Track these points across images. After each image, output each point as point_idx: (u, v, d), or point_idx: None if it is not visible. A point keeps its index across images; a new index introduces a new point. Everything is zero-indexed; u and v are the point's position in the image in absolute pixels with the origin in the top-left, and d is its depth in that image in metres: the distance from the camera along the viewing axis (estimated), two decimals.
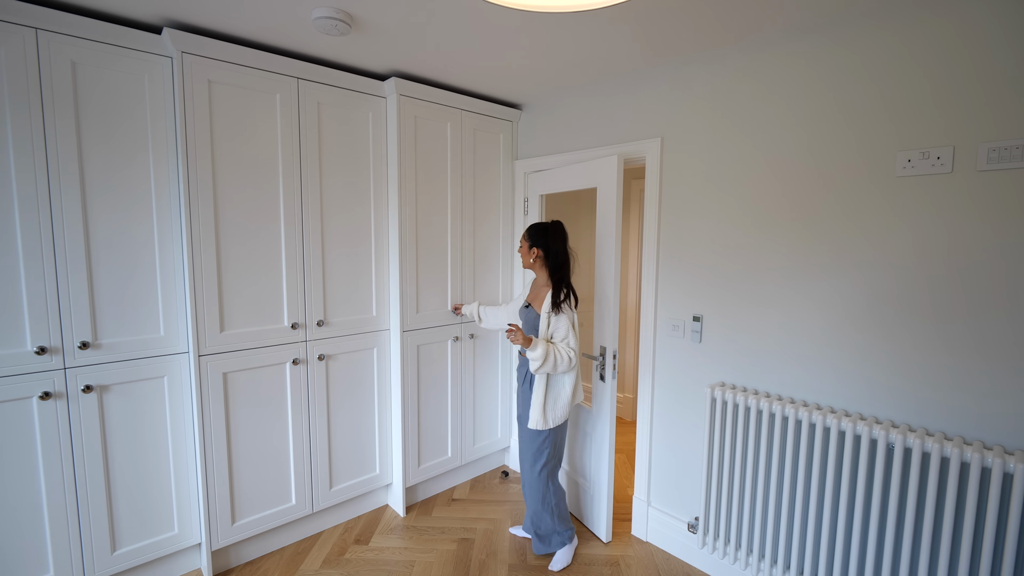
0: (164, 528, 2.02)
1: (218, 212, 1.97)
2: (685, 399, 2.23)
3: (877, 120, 1.65)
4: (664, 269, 2.27)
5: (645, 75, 2.27)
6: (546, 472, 2.17)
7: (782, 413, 1.81)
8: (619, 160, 2.21)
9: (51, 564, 1.78)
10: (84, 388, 1.79)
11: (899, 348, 1.63)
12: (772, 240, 1.92)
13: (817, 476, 1.74)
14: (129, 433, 1.91)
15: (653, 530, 2.38)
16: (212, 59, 1.90)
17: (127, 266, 1.86)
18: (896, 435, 1.56)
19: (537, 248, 2.13)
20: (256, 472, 2.16)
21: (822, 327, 1.80)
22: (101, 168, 1.79)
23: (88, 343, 1.79)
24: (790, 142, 1.85)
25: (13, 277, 1.66)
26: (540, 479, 2.17)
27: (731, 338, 2.06)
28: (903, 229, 1.61)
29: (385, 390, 2.56)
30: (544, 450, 2.14)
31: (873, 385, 1.70)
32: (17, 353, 1.67)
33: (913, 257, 1.60)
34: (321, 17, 1.72)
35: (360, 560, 2.24)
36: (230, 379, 2.06)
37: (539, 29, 1.84)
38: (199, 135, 1.90)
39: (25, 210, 1.66)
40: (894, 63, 1.60)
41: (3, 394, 1.66)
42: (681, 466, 2.27)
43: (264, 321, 2.13)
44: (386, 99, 2.41)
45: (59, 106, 1.69)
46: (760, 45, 1.90)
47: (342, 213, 2.33)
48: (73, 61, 1.71)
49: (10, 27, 1.60)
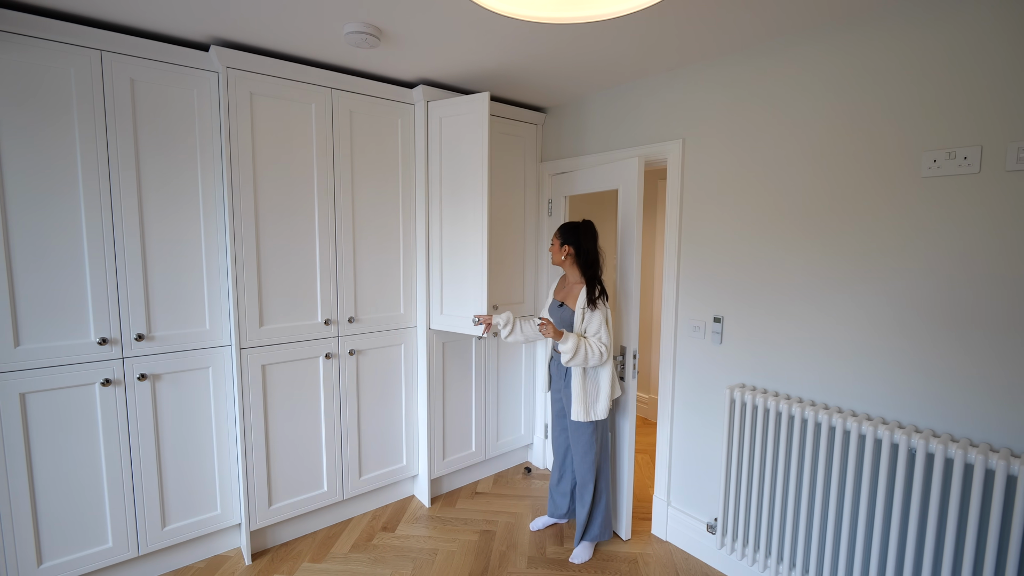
0: (208, 508, 2.18)
1: (258, 215, 2.12)
2: (705, 400, 2.24)
3: (901, 120, 1.62)
4: (685, 269, 2.28)
5: (667, 78, 2.28)
6: (594, 467, 2.24)
7: (802, 415, 1.81)
8: (640, 162, 2.23)
9: (110, 536, 1.96)
10: (139, 376, 1.96)
11: (922, 352, 1.60)
12: (793, 241, 1.91)
13: (837, 480, 1.72)
14: (178, 419, 2.08)
15: (673, 529, 2.39)
16: (254, 73, 2.05)
17: (177, 265, 2.03)
18: (919, 440, 1.53)
19: (569, 246, 2.19)
20: (291, 459, 2.30)
21: (844, 330, 1.79)
22: (155, 176, 1.96)
23: (143, 335, 1.97)
24: (811, 143, 1.84)
25: (80, 275, 1.84)
26: (591, 471, 2.24)
27: (752, 340, 2.05)
28: (927, 231, 1.58)
29: (412, 385, 2.67)
30: (593, 444, 2.22)
31: (897, 389, 1.67)
32: (83, 343, 1.85)
33: (937, 260, 1.57)
34: (352, 32, 1.83)
35: (386, 546, 2.35)
36: (268, 371, 2.20)
37: (561, 37, 1.89)
38: (241, 145, 2.05)
39: (90, 215, 1.84)
40: (919, 61, 1.58)
41: (71, 380, 1.84)
42: (701, 466, 2.27)
43: (299, 317, 2.27)
44: (414, 106, 2.51)
45: (119, 120, 1.86)
46: (780, 47, 1.90)
47: (372, 215, 2.45)
48: (132, 78, 1.88)
49: (80, 50, 1.78)
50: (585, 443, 2.23)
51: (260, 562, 2.22)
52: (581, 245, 2.17)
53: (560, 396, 2.34)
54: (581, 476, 2.27)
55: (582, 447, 2.24)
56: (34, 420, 1.79)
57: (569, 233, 2.20)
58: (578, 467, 2.27)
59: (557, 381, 2.34)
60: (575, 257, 2.19)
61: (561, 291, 2.32)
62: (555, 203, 2.90)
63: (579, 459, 2.26)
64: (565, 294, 2.28)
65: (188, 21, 1.80)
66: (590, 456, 2.24)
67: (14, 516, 1.78)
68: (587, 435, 2.22)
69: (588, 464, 2.24)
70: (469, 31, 1.86)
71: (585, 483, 2.26)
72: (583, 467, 2.25)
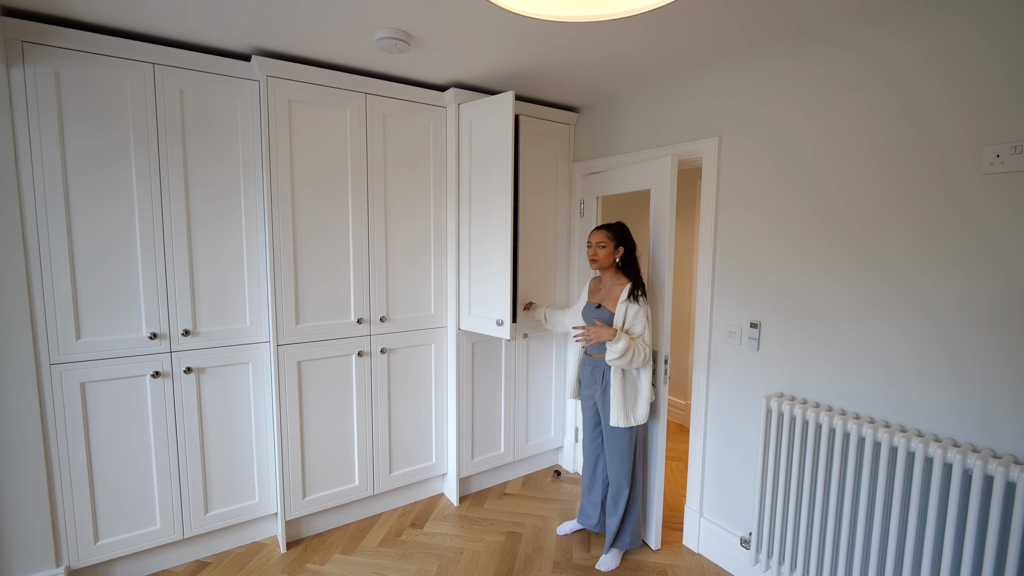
0: (247, 496, 2.29)
1: (295, 217, 2.20)
2: (741, 408, 2.14)
3: (960, 112, 1.49)
4: (721, 272, 2.19)
5: (702, 73, 2.20)
6: (631, 473, 2.21)
7: (843, 428, 1.70)
8: (673, 161, 2.17)
9: (158, 518, 2.09)
10: (185, 370, 2.08)
11: (985, 366, 1.47)
12: (838, 244, 1.79)
13: (882, 500, 1.60)
14: (220, 411, 2.19)
15: (705, 542, 2.31)
16: (292, 80, 2.13)
17: (220, 265, 2.14)
18: (975, 459, 1.41)
19: (623, 247, 2.19)
20: (324, 453, 2.38)
21: (892, 338, 1.66)
22: (201, 181, 2.07)
23: (189, 331, 2.09)
24: (857, 139, 1.72)
25: (133, 275, 1.97)
26: (627, 478, 2.20)
27: (790, 347, 1.95)
28: (986, 232, 1.45)
29: (442, 384, 2.70)
30: (630, 451, 2.19)
31: (955, 404, 1.54)
32: (135, 337, 1.99)
33: (997, 264, 1.43)
34: (383, 38, 1.87)
35: (414, 542, 2.39)
36: (304, 367, 2.28)
37: (590, 36, 1.86)
38: (280, 149, 2.14)
39: (143, 218, 1.96)
40: (981, 47, 1.45)
41: (125, 371, 1.98)
42: (736, 477, 2.18)
43: (333, 316, 2.34)
44: (446, 108, 2.54)
45: (169, 129, 1.98)
46: (824, 37, 1.79)
47: (404, 217, 2.49)
48: (181, 89, 1.99)
49: (135, 64, 1.90)
50: (623, 449, 2.18)
51: (294, 551, 2.31)
52: (631, 246, 2.19)
53: (592, 402, 2.31)
54: (616, 483, 2.22)
55: (619, 453, 2.19)
56: (92, 408, 1.94)
57: (624, 234, 2.20)
58: (614, 474, 2.23)
59: (590, 387, 2.30)
60: (624, 258, 2.19)
61: (597, 293, 2.29)
62: (587, 204, 2.85)
63: (615, 466, 2.21)
64: (603, 296, 2.24)
65: (232, 32, 1.89)
66: (627, 463, 2.19)
67: (75, 495, 1.93)
68: (625, 441, 2.18)
69: (625, 471, 2.20)
70: (495, 34, 1.86)
71: (620, 490, 2.21)
72: (619, 474, 2.21)
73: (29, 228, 1.79)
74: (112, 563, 2.06)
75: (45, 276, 1.82)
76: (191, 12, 1.72)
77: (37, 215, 1.79)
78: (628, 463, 2.19)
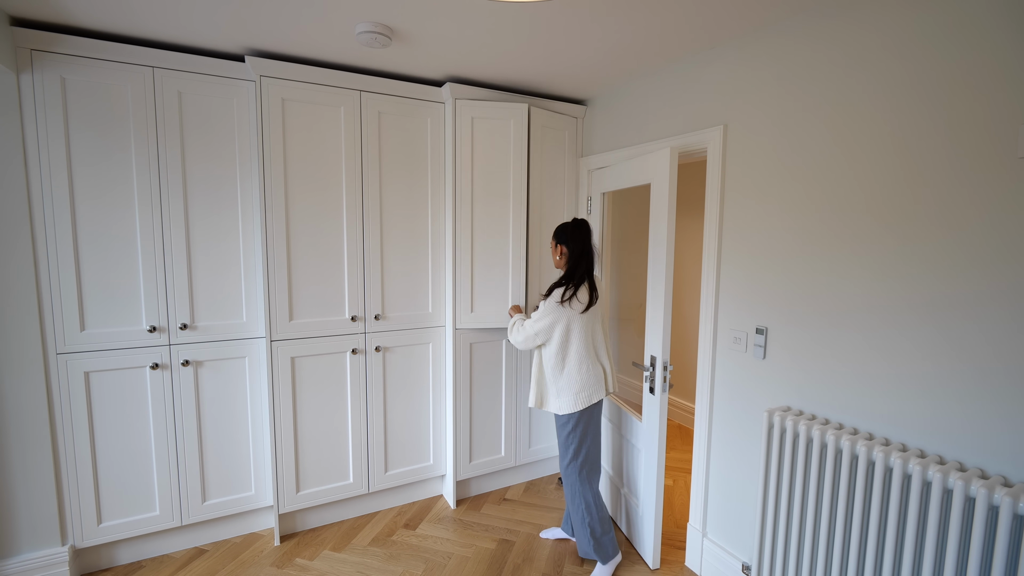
0: (243, 488, 2.34)
1: (289, 214, 2.23)
2: (746, 421, 1.96)
3: (990, 89, 1.28)
4: (726, 271, 2.01)
5: (707, 56, 2.04)
6: (575, 472, 2.13)
7: (852, 450, 1.50)
8: (672, 153, 2.01)
9: (157, 504, 2.18)
10: (183, 362, 2.15)
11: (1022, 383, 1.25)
12: (853, 241, 1.59)
13: (894, 531, 1.40)
14: (217, 403, 2.25)
15: (708, 564, 2.13)
16: (286, 80, 2.15)
17: (218, 261, 2.20)
18: (1004, 496, 1.19)
19: (562, 245, 2.16)
20: (318, 448, 2.39)
21: (910, 348, 1.45)
22: (199, 179, 2.13)
23: (187, 324, 2.15)
24: (873, 123, 1.52)
25: (133, 269, 2.05)
26: (570, 478, 2.14)
27: (799, 356, 1.76)
28: (1020, 224, 1.23)
29: (439, 384, 2.66)
30: (570, 444, 2.12)
31: (982, 429, 1.32)
32: (135, 330, 2.07)
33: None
34: (363, 32, 1.85)
35: (403, 543, 2.36)
36: (297, 363, 2.31)
37: (571, 18, 1.75)
38: (274, 148, 2.17)
39: (143, 215, 2.05)
40: (1016, 16, 1.23)
41: (126, 362, 2.07)
42: (740, 495, 1.99)
43: (327, 313, 2.35)
44: (444, 104, 2.50)
45: (168, 129, 2.06)
46: (837, 9, 1.59)
47: (401, 214, 2.47)
48: (179, 91, 2.06)
49: (136, 67, 1.99)
50: (560, 441, 2.16)
51: (287, 544, 2.34)
52: (568, 245, 2.12)
53: None
54: (567, 488, 2.17)
55: (559, 445, 2.18)
56: (96, 396, 2.04)
57: (560, 234, 2.16)
58: (562, 474, 2.19)
59: None
60: (567, 258, 2.14)
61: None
62: (594, 200, 2.73)
63: (560, 462, 2.19)
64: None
65: (223, 34, 1.93)
66: (564, 459, 2.15)
67: (79, 478, 2.03)
68: (562, 434, 2.14)
69: (563, 467, 2.16)
70: (474, 22, 1.79)
71: (570, 491, 2.16)
72: (564, 474, 2.16)
73: (37, 226, 1.90)
74: (114, 545, 2.16)
75: (52, 270, 1.93)
76: (182, 14, 1.77)
77: (44, 213, 1.90)
78: (565, 460, 2.14)
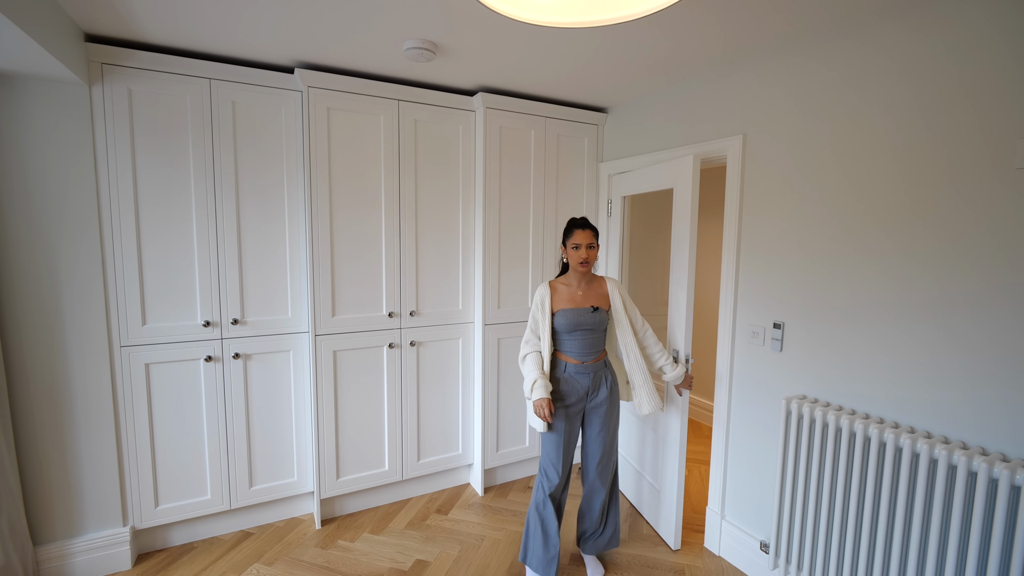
0: (286, 474, 2.48)
1: (333, 217, 2.37)
2: (763, 410, 2.11)
3: (991, 105, 1.42)
4: (745, 271, 2.16)
5: (728, 70, 2.18)
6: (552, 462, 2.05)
7: (864, 433, 1.64)
8: (695, 160, 2.16)
9: (208, 488, 2.32)
10: (234, 355, 2.29)
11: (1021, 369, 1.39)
12: (863, 244, 1.74)
13: (903, 508, 1.55)
14: (264, 394, 2.39)
15: (726, 545, 2.27)
16: (331, 90, 2.30)
17: (266, 260, 2.34)
18: (1003, 468, 1.34)
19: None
20: (356, 437, 2.53)
21: (924, 343, 1.60)
22: (249, 184, 2.28)
23: (238, 320, 2.29)
24: (884, 135, 1.67)
25: (190, 267, 2.19)
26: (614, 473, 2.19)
27: (815, 349, 1.90)
28: (1019, 232, 1.38)
29: (469, 377, 2.81)
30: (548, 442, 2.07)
31: (982, 410, 1.47)
32: (191, 325, 2.21)
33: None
34: (410, 48, 1.99)
35: (438, 527, 2.50)
36: (339, 357, 2.45)
37: (603, 39, 1.90)
38: (319, 155, 2.31)
39: (199, 217, 2.19)
40: (1012, 36, 1.38)
41: (183, 355, 2.21)
42: (758, 480, 2.14)
43: (366, 309, 2.49)
44: (475, 112, 2.65)
45: (222, 137, 2.20)
46: (849, 30, 1.74)
47: (433, 216, 2.62)
48: (233, 101, 2.20)
49: (194, 79, 2.13)
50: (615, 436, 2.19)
51: (328, 528, 2.48)
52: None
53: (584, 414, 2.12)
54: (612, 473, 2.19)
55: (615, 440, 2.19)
56: (155, 386, 2.18)
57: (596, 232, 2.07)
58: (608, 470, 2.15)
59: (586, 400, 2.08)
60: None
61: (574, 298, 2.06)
62: (615, 204, 2.87)
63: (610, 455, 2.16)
64: (592, 298, 2.08)
65: (276, 47, 2.08)
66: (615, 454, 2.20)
67: (139, 463, 2.17)
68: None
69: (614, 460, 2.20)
70: (510, 40, 1.93)
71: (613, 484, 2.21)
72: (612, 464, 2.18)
73: (105, 227, 2.04)
74: (169, 527, 2.30)
75: (117, 268, 2.06)
76: (243, 31, 1.91)
77: (111, 215, 2.04)
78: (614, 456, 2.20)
